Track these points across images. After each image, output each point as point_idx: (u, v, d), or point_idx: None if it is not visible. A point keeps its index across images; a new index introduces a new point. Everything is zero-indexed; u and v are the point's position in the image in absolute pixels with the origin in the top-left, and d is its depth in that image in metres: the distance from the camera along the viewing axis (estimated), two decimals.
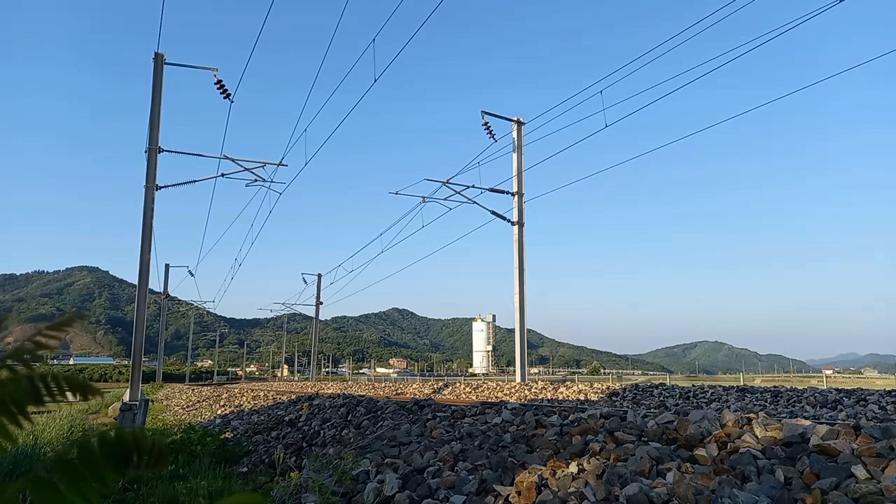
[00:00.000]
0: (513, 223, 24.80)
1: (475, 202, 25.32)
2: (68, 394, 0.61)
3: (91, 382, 0.62)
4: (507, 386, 20.75)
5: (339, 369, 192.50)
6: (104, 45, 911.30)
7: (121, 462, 0.60)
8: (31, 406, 0.62)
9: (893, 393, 12.33)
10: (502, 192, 25.22)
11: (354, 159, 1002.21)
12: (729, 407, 11.95)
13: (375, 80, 16.27)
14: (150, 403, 25.34)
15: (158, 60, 19.45)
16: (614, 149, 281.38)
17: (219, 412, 21.05)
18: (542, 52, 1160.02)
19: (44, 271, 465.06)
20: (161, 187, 19.39)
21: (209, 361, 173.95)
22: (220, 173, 21.87)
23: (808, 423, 4.92)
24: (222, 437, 11.98)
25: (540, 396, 17.13)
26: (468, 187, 24.99)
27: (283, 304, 63.19)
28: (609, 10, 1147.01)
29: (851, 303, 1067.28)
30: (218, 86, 20.00)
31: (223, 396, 27.42)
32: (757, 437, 4.88)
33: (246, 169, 21.99)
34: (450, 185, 24.83)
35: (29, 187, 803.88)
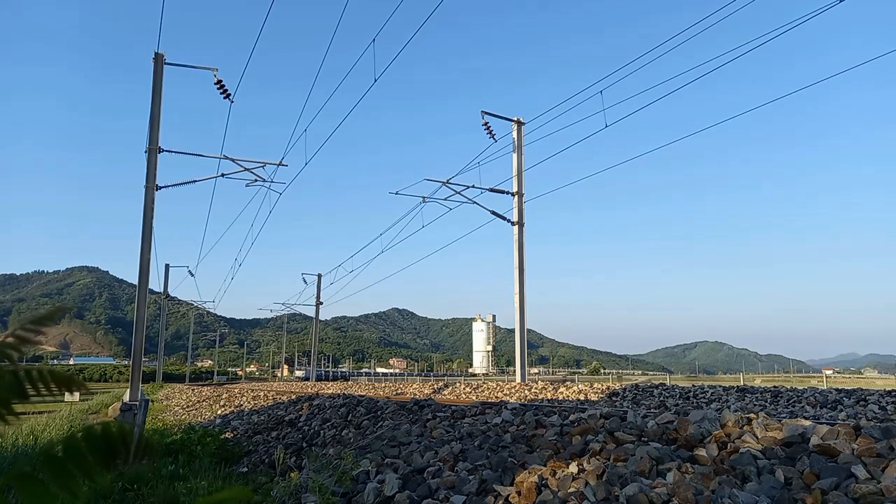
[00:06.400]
0: (513, 223, 24.78)
1: (475, 202, 25.32)
2: (54, 388, 0.60)
3: (76, 376, 0.61)
4: (507, 386, 20.73)
5: (340, 369, 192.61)
6: (104, 45, 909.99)
7: (108, 456, 0.59)
8: (18, 404, 0.61)
9: (893, 393, 12.32)
10: (502, 192, 25.21)
11: (354, 159, 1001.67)
12: (729, 407, 11.94)
13: (375, 81, 16.26)
14: (151, 403, 25.35)
15: (158, 60, 19.46)
16: (614, 149, 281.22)
17: (219, 412, 21.04)
18: (542, 52, 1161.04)
19: (44, 271, 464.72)
20: (161, 187, 19.40)
21: (209, 361, 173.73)
22: (220, 173, 21.87)
23: (808, 423, 4.90)
24: (222, 437, 11.99)
25: (540, 396, 17.11)
26: (468, 187, 24.99)
27: (283, 304, 63.20)
28: (609, 10, 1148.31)
29: (851, 303, 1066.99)
30: (218, 86, 20.00)
31: (223, 396, 27.40)
32: (757, 438, 4.86)
33: (246, 169, 22.00)
34: (450, 186, 24.82)
35: (29, 187, 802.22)
